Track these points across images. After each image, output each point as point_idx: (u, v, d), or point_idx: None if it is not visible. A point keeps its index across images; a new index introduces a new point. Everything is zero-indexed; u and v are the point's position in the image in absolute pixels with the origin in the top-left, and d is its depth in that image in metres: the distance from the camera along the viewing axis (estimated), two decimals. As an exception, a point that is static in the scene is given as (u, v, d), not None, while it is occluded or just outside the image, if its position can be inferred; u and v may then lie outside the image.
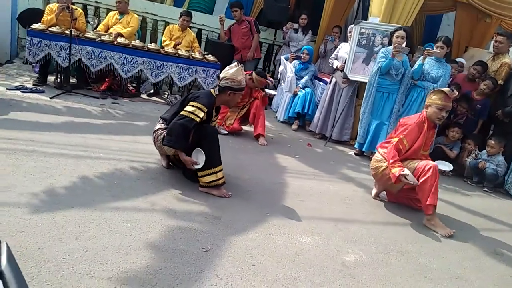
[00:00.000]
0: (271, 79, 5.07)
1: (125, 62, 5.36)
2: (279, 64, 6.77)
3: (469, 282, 2.62)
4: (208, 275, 2.07)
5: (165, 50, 5.63)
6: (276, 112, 6.51)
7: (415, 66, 4.86)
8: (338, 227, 2.99)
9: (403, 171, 3.17)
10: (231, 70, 3.15)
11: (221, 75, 3.14)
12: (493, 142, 4.89)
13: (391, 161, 3.24)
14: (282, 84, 6.48)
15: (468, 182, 5.09)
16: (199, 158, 2.98)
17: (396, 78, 4.78)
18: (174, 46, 5.84)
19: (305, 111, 5.90)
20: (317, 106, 5.90)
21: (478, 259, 2.98)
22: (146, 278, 1.92)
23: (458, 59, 5.86)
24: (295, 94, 5.99)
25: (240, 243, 2.45)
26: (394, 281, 2.44)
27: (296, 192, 3.49)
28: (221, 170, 3.05)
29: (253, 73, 4.85)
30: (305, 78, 6.13)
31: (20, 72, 5.76)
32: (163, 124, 3.13)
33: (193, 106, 2.99)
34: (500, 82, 5.25)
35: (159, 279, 1.95)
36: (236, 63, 3.25)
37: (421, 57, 4.82)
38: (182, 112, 2.99)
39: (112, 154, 3.39)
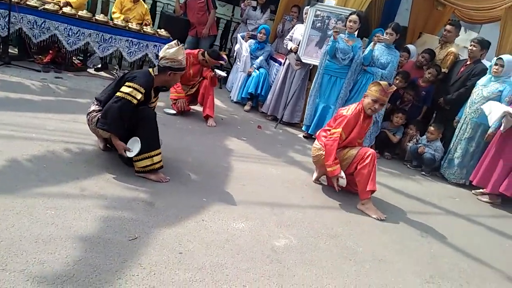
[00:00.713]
0: (225, 57, 4.97)
1: (70, 33, 5.11)
2: (236, 42, 6.68)
3: (391, 264, 2.78)
4: (131, 264, 2.08)
5: (114, 22, 5.41)
6: (231, 92, 6.47)
7: (365, 52, 4.95)
8: (274, 212, 3.07)
9: (340, 173, 3.42)
10: (172, 50, 3.07)
11: (161, 54, 3.06)
12: (432, 128, 5.12)
13: (330, 161, 3.40)
14: (238, 63, 6.41)
15: (408, 165, 5.33)
16: (134, 146, 2.92)
17: (342, 62, 4.85)
18: (125, 20, 5.59)
19: (258, 92, 5.89)
20: (271, 87, 5.90)
21: (403, 242, 3.15)
22: (63, 270, 1.90)
23: (407, 46, 5.99)
24: (249, 75, 5.96)
25: (170, 230, 2.46)
26: (319, 265, 2.55)
27: (238, 176, 3.52)
28: (159, 154, 3.02)
29: (205, 52, 4.75)
30: (260, 58, 6.09)
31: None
32: (97, 106, 3.03)
33: (129, 87, 2.91)
34: (445, 70, 5.45)
35: (77, 270, 1.93)
36: (175, 41, 3.16)
37: (371, 43, 4.90)
38: (118, 94, 2.90)
39: (46, 134, 3.27)
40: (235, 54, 6.66)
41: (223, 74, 4.99)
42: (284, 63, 5.68)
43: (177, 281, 2.05)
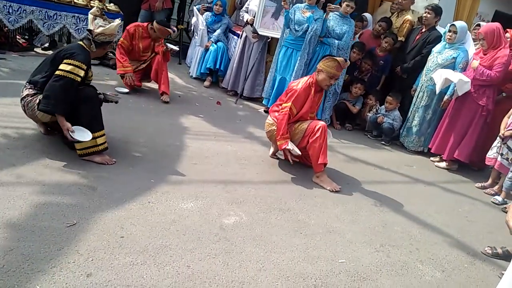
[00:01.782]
0: (174, 28, 4.77)
1: (10, 11, 4.80)
2: (193, 15, 6.45)
3: (342, 235, 2.81)
4: (67, 252, 2.01)
5: (59, -3, 5.10)
6: (190, 67, 6.29)
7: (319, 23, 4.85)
8: (226, 189, 3.03)
9: (287, 145, 3.38)
10: (112, 26, 2.95)
11: (97, 29, 2.90)
12: (390, 98, 5.16)
13: (279, 136, 3.40)
14: (196, 37, 6.22)
15: (368, 136, 5.38)
16: (82, 134, 2.78)
17: (296, 33, 4.77)
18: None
19: (218, 66, 5.76)
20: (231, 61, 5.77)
21: (356, 212, 3.19)
22: (-10, 262, 1.82)
23: (364, 15, 5.95)
24: (207, 49, 5.80)
25: (112, 214, 2.39)
26: (269, 240, 2.54)
27: (191, 155, 3.45)
28: (103, 135, 2.90)
29: (154, 23, 4.55)
30: (218, 31, 5.92)
31: None
32: (31, 90, 2.85)
33: (70, 64, 2.75)
34: (402, 38, 5.45)
35: (8, 260, 1.85)
36: (95, 9, 3.01)
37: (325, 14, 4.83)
38: (58, 72, 2.74)
39: (-18, 120, 3.08)
40: (192, 28, 6.45)
41: (175, 48, 4.81)
42: (241, 35, 5.54)
43: (116, 266, 2.00)
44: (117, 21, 3.07)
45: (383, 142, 5.21)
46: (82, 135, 2.76)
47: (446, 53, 4.73)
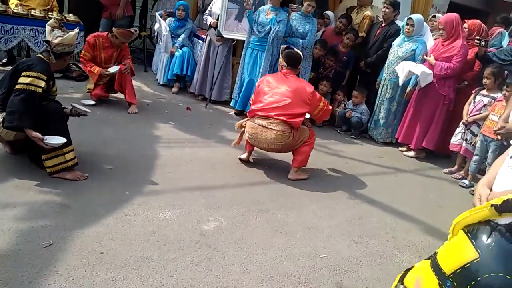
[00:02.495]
0: (135, 29, 4.64)
1: (-39, 28, 4.60)
2: (155, 21, 6.38)
3: (320, 230, 2.87)
4: (46, 273, 1.96)
5: (14, 11, 4.93)
6: (156, 74, 6.22)
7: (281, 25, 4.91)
8: (203, 196, 3.03)
9: None
10: (69, 36, 2.88)
11: (55, 40, 2.83)
12: (356, 92, 5.29)
13: None
14: (160, 43, 6.15)
15: (338, 131, 5.50)
16: (56, 139, 2.70)
17: (259, 34, 4.82)
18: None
19: (184, 72, 5.72)
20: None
21: (332, 207, 3.26)
22: (-36, 292, 1.75)
23: (326, 12, 6.07)
24: (172, 55, 5.75)
25: (89, 231, 2.34)
26: (250, 242, 2.56)
27: (164, 164, 3.43)
28: (71, 150, 2.83)
29: (113, 28, 4.46)
30: (182, 36, 5.88)
31: None
32: (-8, 107, 2.76)
33: (29, 76, 2.68)
34: (363, 34, 5.60)
35: (-17, 289, 1.79)
36: (53, 20, 2.95)
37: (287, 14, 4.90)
38: (18, 86, 2.66)
39: None
40: (156, 34, 6.38)
41: (115, 69, 4.47)
42: (205, 39, 5.53)
43: (98, 283, 1.97)
44: (75, 30, 3.00)
45: (352, 136, 5.34)
46: (56, 140, 2.69)
47: (406, 46, 4.89)
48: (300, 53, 3.71)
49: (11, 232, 2.19)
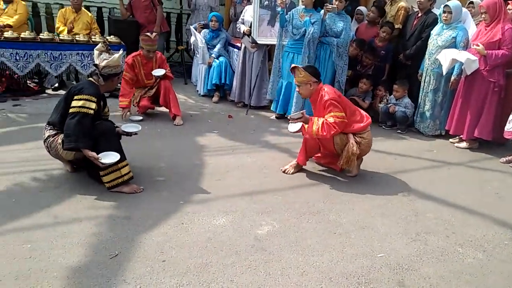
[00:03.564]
0: (154, 34, 4.77)
1: (17, 58, 4.94)
2: (191, 35, 6.55)
3: (375, 229, 2.82)
4: (115, 282, 2.06)
5: (60, 38, 5.24)
6: (197, 86, 6.38)
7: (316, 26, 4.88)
8: (253, 201, 3.07)
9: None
10: (114, 58, 3.02)
11: (102, 63, 2.98)
12: (396, 86, 5.17)
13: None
14: (197, 55, 6.31)
15: (383, 127, 5.38)
16: (111, 156, 2.85)
17: (294, 37, 4.83)
18: (68, 32, 5.42)
19: (223, 81, 5.83)
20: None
21: (385, 205, 3.20)
22: (45, 303, 1.88)
23: (358, 8, 5.99)
24: (209, 65, 5.88)
25: (150, 240, 2.44)
26: (305, 244, 2.57)
27: (213, 172, 3.50)
28: (126, 165, 2.97)
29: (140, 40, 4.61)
30: (218, 46, 5.99)
31: None
32: (51, 130, 2.95)
33: (80, 99, 2.84)
34: (398, 26, 5.47)
35: (61, 299, 1.91)
36: (101, 44, 3.10)
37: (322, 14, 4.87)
38: (72, 110, 2.83)
39: (11, 167, 3.18)
40: (192, 47, 6.54)
41: (161, 72, 4.67)
42: (240, 47, 5.62)
43: (164, 290, 2.05)
44: (120, 52, 3.15)
45: (399, 131, 5.21)
46: (110, 157, 2.83)
47: (445, 34, 4.73)
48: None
49: (80, 245, 2.33)
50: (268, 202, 3.07)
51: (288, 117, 3.69)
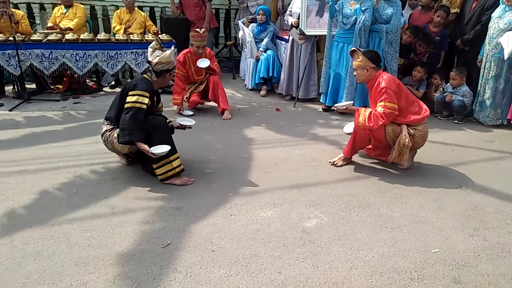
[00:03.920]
0: (203, 29, 4.84)
1: (77, 58, 5.24)
2: (239, 30, 6.61)
3: (430, 224, 2.70)
4: (167, 271, 2.15)
5: (116, 38, 5.49)
6: (244, 80, 6.44)
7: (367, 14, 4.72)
8: (301, 193, 3.05)
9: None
10: (166, 54, 3.11)
11: (154, 60, 3.09)
12: (453, 73, 4.89)
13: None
14: (245, 50, 6.36)
15: (439, 117, 5.13)
16: (162, 148, 2.95)
17: (344, 26, 4.69)
18: (125, 31, 5.68)
19: (271, 74, 5.83)
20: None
21: (441, 198, 3.05)
22: (105, 287, 1.99)
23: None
24: (257, 59, 5.90)
25: (200, 230, 2.51)
26: (354, 238, 2.52)
27: (261, 164, 3.53)
28: (177, 158, 3.06)
29: (190, 36, 4.71)
30: (265, 40, 6.00)
31: (-23, 87, 5.61)
32: (108, 125, 3.11)
33: (134, 95, 2.97)
34: (456, 10, 5.16)
35: (118, 285, 2.02)
36: (155, 42, 3.19)
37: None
38: (126, 105, 2.96)
39: (72, 160, 3.40)
40: (240, 42, 6.60)
41: (206, 63, 4.72)
42: (288, 39, 5.57)
43: (213, 279, 2.10)
44: (171, 49, 3.24)
45: (456, 121, 4.94)
46: (161, 149, 2.93)
47: (508, 16, 4.40)
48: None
49: (135, 234, 2.44)
50: (316, 195, 3.04)
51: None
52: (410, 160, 3.53)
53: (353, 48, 3.44)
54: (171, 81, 5.55)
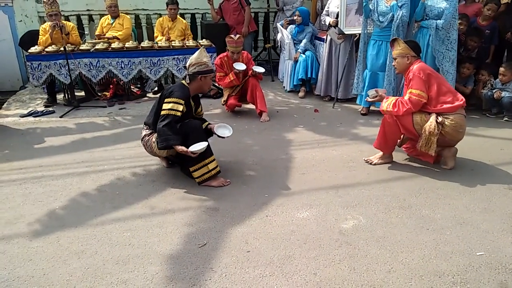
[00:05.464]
0: (238, 35, 4.90)
1: (123, 66, 5.47)
2: (278, 32, 6.62)
3: (475, 226, 2.57)
4: (203, 270, 2.19)
5: (159, 45, 5.68)
6: (283, 82, 6.44)
7: (418, 7, 4.54)
8: (338, 194, 3.01)
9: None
10: (194, 55, 3.17)
11: (187, 64, 3.18)
12: (503, 69, 4.62)
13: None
14: (284, 52, 6.36)
15: (487, 114, 4.86)
16: (199, 146, 3.00)
17: (381, 25, 4.54)
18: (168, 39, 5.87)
19: (309, 75, 5.79)
20: (321, 67, 5.76)
21: (487, 200, 2.90)
22: (143, 285, 2.07)
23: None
24: (296, 61, 5.89)
25: (236, 231, 2.54)
26: (393, 240, 2.44)
27: (298, 166, 3.51)
28: (213, 160, 3.12)
29: (227, 42, 4.79)
30: (304, 41, 5.96)
31: (32, 96, 6.02)
32: (147, 130, 3.22)
33: (169, 102, 3.05)
34: (507, 1, 4.87)
35: (155, 283, 2.09)
36: (201, 48, 3.25)
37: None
38: (162, 112, 3.05)
39: (116, 164, 3.56)
40: (279, 44, 6.61)
41: (260, 69, 4.86)
42: (325, 40, 5.50)
43: (247, 279, 2.11)
44: (200, 49, 3.24)
45: (506, 119, 4.66)
46: (199, 146, 2.99)
47: None
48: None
49: (173, 235, 2.51)
50: (354, 196, 2.98)
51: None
52: (453, 160, 3.38)
53: (394, 37, 3.41)
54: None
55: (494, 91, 4.69)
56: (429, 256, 2.28)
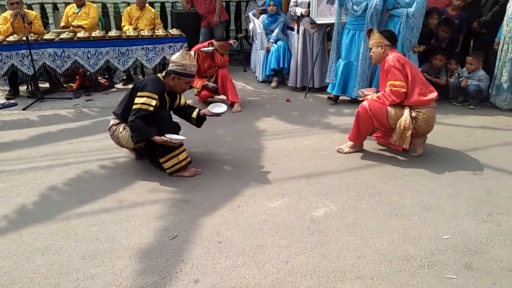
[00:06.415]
0: (233, 41, 4.90)
1: (89, 56, 5.29)
2: (250, 22, 6.56)
3: (441, 210, 2.64)
4: (174, 263, 2.15)
5: (127, 34, 5.52)
6: (255, 72, 6.40)
7: None
8: (310, 183, 3.02)
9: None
10: (176, 53, 3.11)
11: (171, 58, 3.11)
12: (470, 58, 4.74)
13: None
14: (256, 42, 6.31)
15: (454, 103, 4.99)
16: (177, 136, 2.97)
17: (355, 13, 4.55)
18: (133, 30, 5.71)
19: (281, 65, 5.78)
20: (293, 57, 5.75)
21: (453, 185, 2.97)
22: (111, 280, 2.01)
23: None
24: (268, 51, 5.85)
25: (207, 222, 2.51)
26: (363, 226, 2.47)
27: (270, 156, 3.50)
28: (184, 151, 3.06)
29: (214, 41, 4.73)
30: (276, 31, 5.93)
31: (-7, 88, 5.75)
32: (115, 120, 3.13)
33: (142, 96, 2.96)
34: (472, -9, 4.99)
35: (124, 278, 2.03)
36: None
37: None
38: (135, 106, 2.95)
39: (82, 157, 3.44)
40: (251, 34, 6.55)
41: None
42: (297, 30, 5.49)
43: (219, 270, 2.09)
44: (183, 51, 3.16)
45: (471, 107, 4.79)
46: (176, 136, 2.97)
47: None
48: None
49: (142, 228, 2.46)
50: (326, 184, 3.00)
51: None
52: (422, 147, 3.45)
53: (369, 28, 3.48)
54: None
55: (460, 79, 4.81)
56: (397, 241, 2.32)
